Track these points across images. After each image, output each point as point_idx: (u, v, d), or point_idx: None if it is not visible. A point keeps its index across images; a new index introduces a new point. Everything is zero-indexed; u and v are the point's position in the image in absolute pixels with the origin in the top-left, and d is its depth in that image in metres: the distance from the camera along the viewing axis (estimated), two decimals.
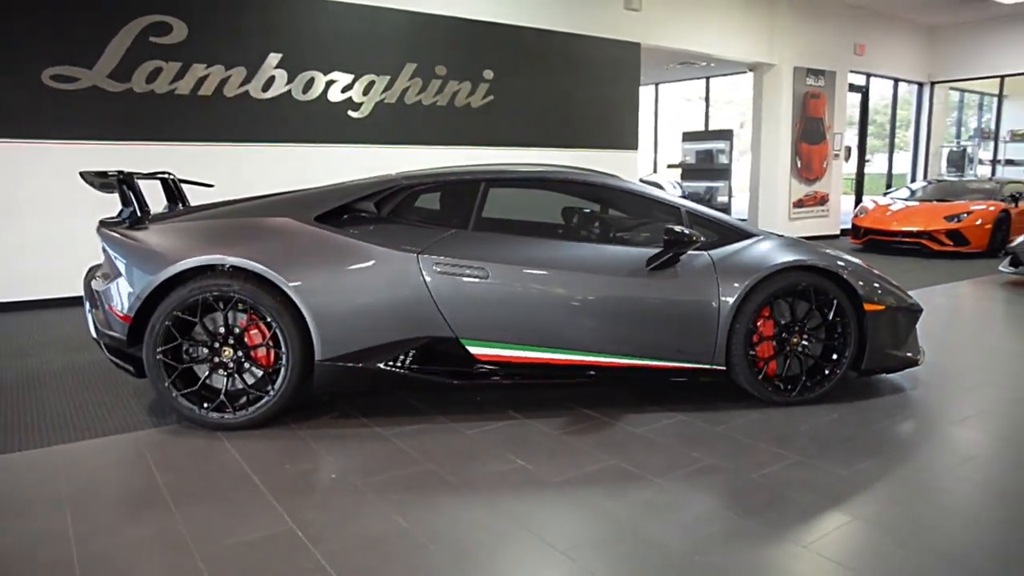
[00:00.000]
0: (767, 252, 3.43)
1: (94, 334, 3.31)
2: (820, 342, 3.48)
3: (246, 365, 3.11)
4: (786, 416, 3.30)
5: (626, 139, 9.45)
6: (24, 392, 3.67)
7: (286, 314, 3.04)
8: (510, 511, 2.41)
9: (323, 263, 3.11)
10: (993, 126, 14.48)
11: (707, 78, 14.00)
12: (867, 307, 3.45)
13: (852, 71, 12.02)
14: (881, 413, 3.38)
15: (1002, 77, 12.85)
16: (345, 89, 7.15)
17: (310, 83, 6.94)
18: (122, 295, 3.05)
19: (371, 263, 3.13)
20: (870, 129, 13.33)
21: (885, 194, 11.42)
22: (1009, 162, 13.98)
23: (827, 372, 3.47)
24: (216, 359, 3.08)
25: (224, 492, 2.52)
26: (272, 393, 3.08)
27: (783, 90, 11.04)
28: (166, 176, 3.96)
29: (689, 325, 3.29)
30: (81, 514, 2.35)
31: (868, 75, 12.54)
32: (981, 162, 14.36)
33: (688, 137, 14.09)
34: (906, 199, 10.59)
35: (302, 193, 3.46)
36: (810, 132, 11.60)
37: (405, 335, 3.14)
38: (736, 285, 3.30)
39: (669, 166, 14.71)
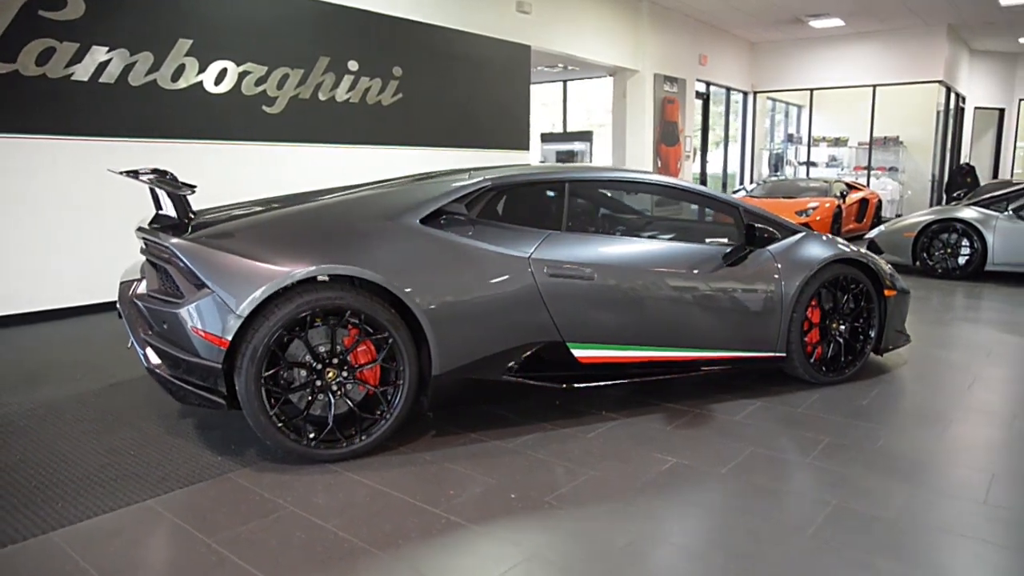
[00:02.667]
0: (814, 247, 3.73)
1: (148, 363, 2.77)
2: (850, 326, 3.86)
3: (349, 387, 2.79)
4: (837, 394, 3.63)
5: (519, 139, 9.62)
6: (12, 440, 2.97)
7: (402, 327, 2.78)
8: (717, 505, 2.43)
9: (439, 269, 2.88)
10: (798, 132, 16.64)
11: (564, 82, 14.58)
12: (886, 293, 3.90)
13: (698, 79, 13.20)
14: (911, 384, 3.85)
15: (811, 90, 14.83)
16: (259, 82, 6.53)
17: (223, 74, 6.25)
18: (215, 315, 2.58)
19: (487, 268, 2.96)
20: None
21: (734, 193, 12.67)
22: (812, 164, 16.15)
23: (859, 351, 3.86)
24: (319, 382, 2.74)
25: (421, 530, 2.27)
26: (387, 415, 2.80)
27: (646, 95, 11.84)
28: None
29: (761, 316, 3.50)
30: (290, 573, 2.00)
31: (708, 83, 13.84)
32: (790, 163, 16.45)
33: (547, 138, 14.55)
34: (746, 196, 11.85)
35: (387, 192, 3.16)
36: (667, 135, 12.55)
37: (517, 342, 3.02)
38: (795, 278, 3.56)
39: None
